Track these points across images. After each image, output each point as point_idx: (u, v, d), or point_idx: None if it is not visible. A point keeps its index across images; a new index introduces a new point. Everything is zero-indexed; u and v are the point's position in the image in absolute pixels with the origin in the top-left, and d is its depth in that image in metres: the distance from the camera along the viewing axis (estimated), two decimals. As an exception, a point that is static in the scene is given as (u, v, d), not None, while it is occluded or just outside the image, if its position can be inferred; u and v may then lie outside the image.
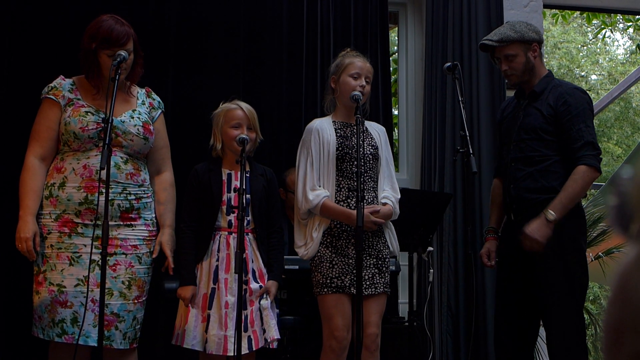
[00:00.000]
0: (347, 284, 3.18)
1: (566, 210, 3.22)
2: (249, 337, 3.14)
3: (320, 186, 3.26)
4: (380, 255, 3.27)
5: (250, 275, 3.21)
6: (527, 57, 3.42)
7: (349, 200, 3.25)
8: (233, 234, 3.23)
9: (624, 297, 0.66)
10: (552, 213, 3.20)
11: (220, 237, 3.26)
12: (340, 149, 3.28)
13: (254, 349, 3.14)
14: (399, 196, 3.38)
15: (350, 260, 3.19)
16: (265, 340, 3.18)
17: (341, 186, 3.27)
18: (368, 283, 3.21)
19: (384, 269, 3.28)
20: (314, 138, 3.30)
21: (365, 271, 3.19)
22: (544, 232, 3.21)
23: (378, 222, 3.23)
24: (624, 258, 0.67)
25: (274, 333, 3.19)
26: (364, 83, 3.32)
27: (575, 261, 3.29)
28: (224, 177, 3.31)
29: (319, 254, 3.24)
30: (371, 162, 3.31)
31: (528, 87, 3.48)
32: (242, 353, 3.03)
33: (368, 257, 3.23)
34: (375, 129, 3.45)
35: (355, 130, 3.22)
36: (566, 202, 3.23)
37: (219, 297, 3.19)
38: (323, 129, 3.32)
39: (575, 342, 3.25)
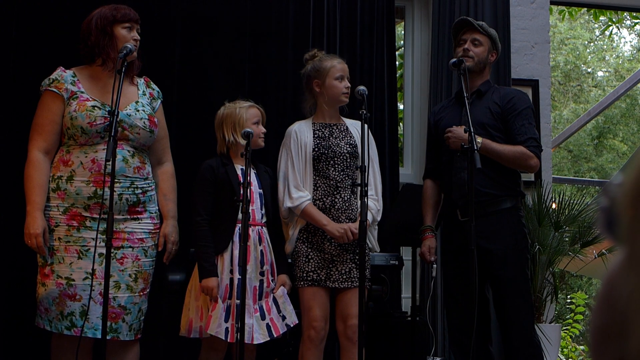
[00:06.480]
0: (323, 278, 3.34)
1: (487, 154, 3.36)
2: (267, 324, 3.24)
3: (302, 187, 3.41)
4: (357, 251, 3.31)
5: (267, 266, 3.32)
6: (488, 53, 3.64)
7: (324, 199, 3.39)
8: (251, 227, 3.29)
9: (610, 302, 0.67)
10: (480, 142, 3.33)
11: (238, 230, 3.30)
12: (316, 149, 3.42)
13: (274, 336, 3.25)
14: (380, 203, 3.49)
15: (326, 255, 3.36)
16: (288, 325, 3.31)
17: (318, 186, 3.41)
18: (345, 277, 3.34)
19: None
20: (293, 140, 3.44)
21: (342, 265, 3.35)
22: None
23: (351, 238, 3.32)
24: (612, 263, 0.69)
25: (294, 318, 3.34)
26: (348, 84, 3.48)
27: (525, 257, 3.49)
28: (239, 172, 3.37)
29: (296, 249, 3.39)
30: (348, 160, 3.43)
31: (472, 86, 3.60)
32: (263, 341, 3.21)
33: (345, 253, 3.37)
34: (357, 128, 3.50)
35: (333, 130, 3.46)
36: (494, 150, 3.40)
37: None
38: (301, 131, 3.46)
39: (530, 333, 3.42)
